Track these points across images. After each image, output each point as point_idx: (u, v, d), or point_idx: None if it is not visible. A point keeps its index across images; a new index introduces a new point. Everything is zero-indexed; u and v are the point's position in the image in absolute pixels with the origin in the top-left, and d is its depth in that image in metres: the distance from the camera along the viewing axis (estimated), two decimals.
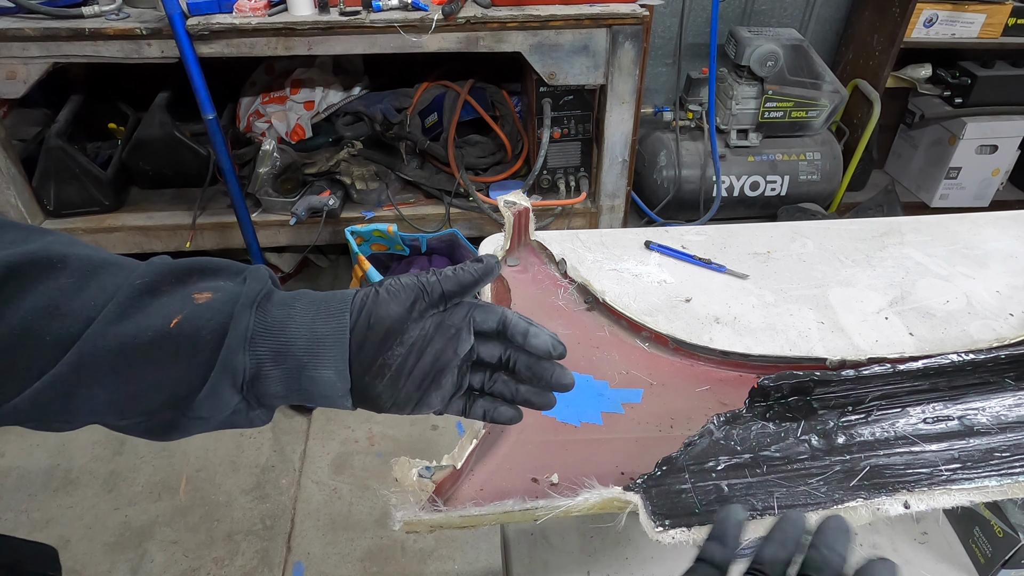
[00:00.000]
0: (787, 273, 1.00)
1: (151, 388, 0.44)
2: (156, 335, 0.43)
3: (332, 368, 0.46)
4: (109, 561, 1.64)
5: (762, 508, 0.58)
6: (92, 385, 0.42)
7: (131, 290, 0.43)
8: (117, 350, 0.42)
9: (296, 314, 0.46)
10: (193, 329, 0.43)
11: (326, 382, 0.46)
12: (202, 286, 0.45)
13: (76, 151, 2.03)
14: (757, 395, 0.65)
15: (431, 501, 0.60)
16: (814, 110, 2.52)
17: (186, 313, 0.43)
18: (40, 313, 0.41)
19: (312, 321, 0.46)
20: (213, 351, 0.44)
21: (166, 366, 0.43)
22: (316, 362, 0.46)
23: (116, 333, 0.42)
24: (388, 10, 1.79)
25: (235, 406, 0.46)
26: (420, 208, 2.25)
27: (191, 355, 0.43)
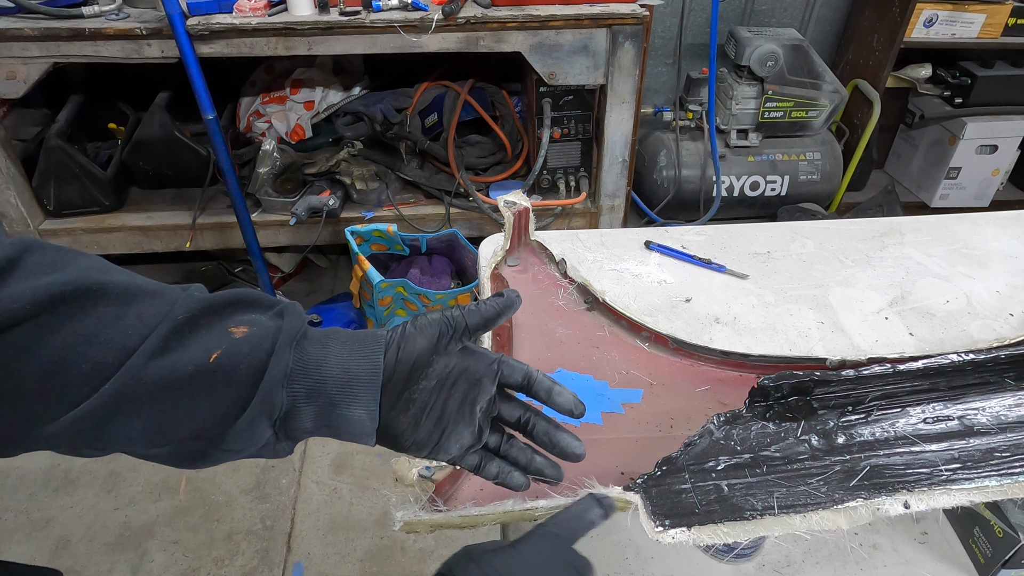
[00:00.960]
0: (787, 273, 1.00)
1: (187, 420, 0.44)
2: (196, 369, 0.43)
3: (364, 408, 0.47)
4: (109, 561, 1.64)
5: (762, 508, 0.58)
6: (130, 416, 0.43)
7: (172, 324, 0.44)
8: (157, 383, 0.42)
9: (331, 353, 0.47)
10: (232, 364, 0.44)
11: (356, 420, 0.47)
12: (238, 319, 0.46)
13: (76, 151, 2.03)
14: (757, 395, 0.65)
15: (431, 501, 0.60)
16: (814, 110, 2.52)
17: (224, 348, 0.44)
18: (79, 341, 0.41)
19: (347, 360, 0.47)
20: (251, 386, 0.44)
21: (204, 399, 0.44)
22: (349, 401, 0.46)
23: (157, 366, 0.42)
24: (388, 10, 1.79)
25: (266, 440, 0.47)
26: (420, 208, 2.25)
27: (229, 389, 0.44)
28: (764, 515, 0.58)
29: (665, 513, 0.58)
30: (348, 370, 0.46)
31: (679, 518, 0.58)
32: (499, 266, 0.93)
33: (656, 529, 0.57)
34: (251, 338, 0.45)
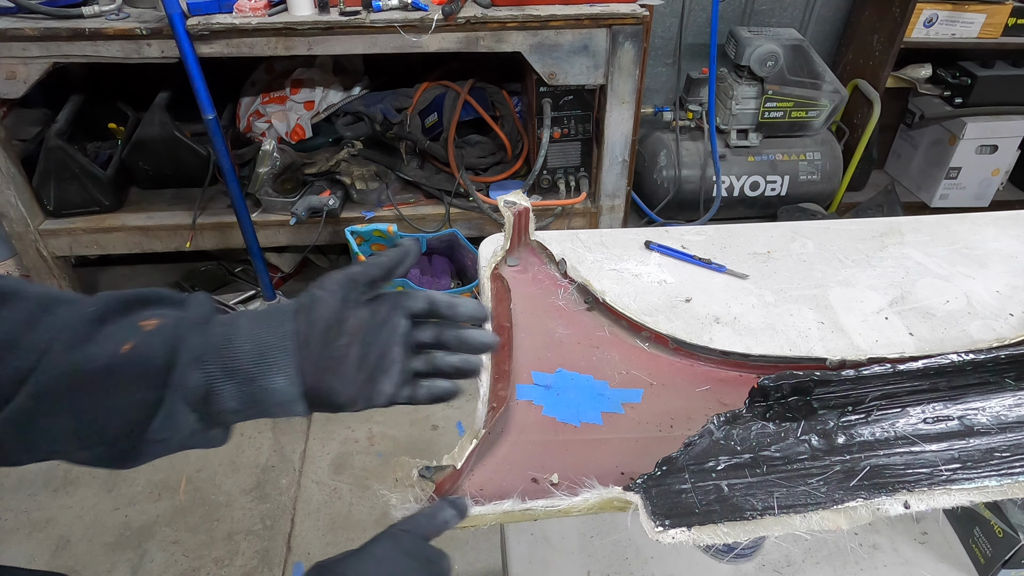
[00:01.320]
0: (787, 273, 1.00)
1: (109, 414, 0.45)
2: (109, 361, 0.44)
3: (282, 374, 0.47)
4: (109, 561, 1.64)
5: (762, 508, 0.58)
6: (51, 415, 0.43)
7: (82, 321, 0.44)
8: (72, 378, 0.43)
9: (240, 329, 0.48)
10: (144, 355, 0.44)
11: (278, 390, 0.47)
12: (146, 314, 0.46)
13: (76, 151, 2.03)
14: (757, 395, 0.65)
15: (431, 501, 0.60)
16: (814, 110, 2.52)
17: (136, 340, 0.44)
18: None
19: (257, 333, 0.47)
20: (166, 374, 0.45)
21: (121, 391, 0.44)
22: (266, 371, 0.47)
23: (71, 361, 0.43)
24: (388, 10, 1.79)
25: (192, 426, 0.47)
26: (420, 208, 2.25)
27: (144, 379, 0.44)
28: (764, 515, 0.58)
29: (665, 513, 0.58)
30: (260, 342, 0.47)
31: (679, 518, 0.58)
32: (499, 266, 0.93)
33: (656, 529, 0.57)
34: (162, 329, 0.45)
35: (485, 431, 0.67)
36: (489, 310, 0.61)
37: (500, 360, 0.78)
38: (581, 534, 0.87)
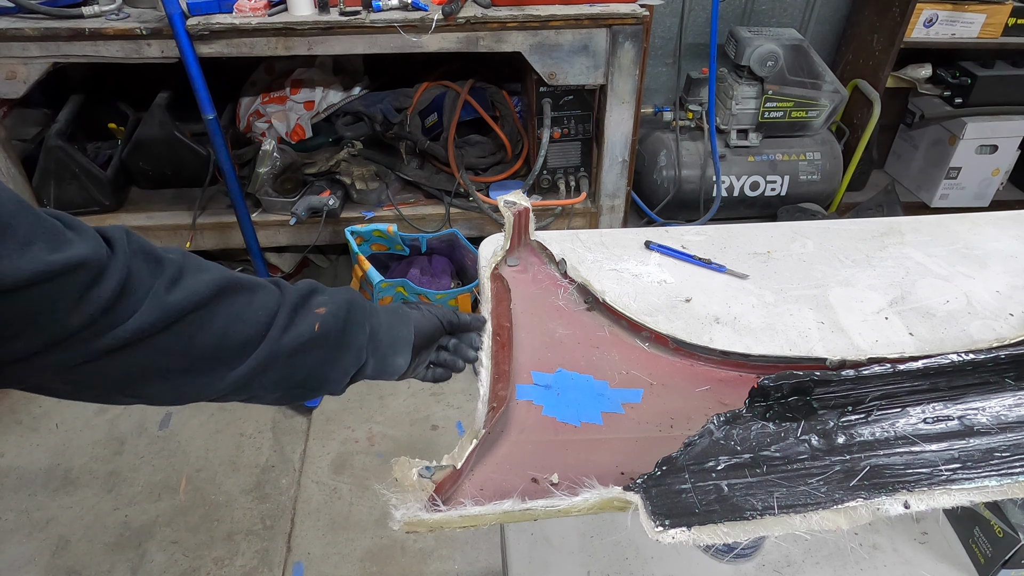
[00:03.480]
0: (787, 273, 1.00)
1: (301, 371, 0.64)
2: (309, 337, 0.63)
3: (402, 356, 0.71)
4: (109, 561, 1.64)
5: (762, 508, 0.58)
6: (270, 372, 0.61)
7: (288, 308, 0.62)
8: (288, 349, 0.61)
9: (382, 324, 0.71)
10: (326, 332, 0.65)
11: (397, 366, 0.71)
12: (316, 302, 0.65)
13: (76, 151, 2.03)
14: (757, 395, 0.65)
15: (431, 501, 0.60)
16: (814, 110, 2.52)
17: (320, 321, 0.64)
18: (231, 320, 0.58)
19: (392, 329, 0.71)
20: (341, 346, 0.66)
21: (314, 356, 0.64)
22: (394, 354, 0.71)
23: (288, 337, 0.62)
24: (388, 10, 1.79)
25: (344, 383, 0.68)
26: (420, 208, 2.25)
27: (328, 349, 0.65)
28: (764, 515, 0.58)
29: (665, 513, 0.58)
30: (394, 335, 0.71)
31: (679, 518, 0.58)
32: (499, 266, 0.93)
33: (656, 529, 0.57)
34: (331, 315, 0.65)
35: (485, 431, 0.67)
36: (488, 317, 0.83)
37: (500, 360, 0.78)
38: (581, 534, 0.87)
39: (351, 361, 0.67)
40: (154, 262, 0.54)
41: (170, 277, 0.54)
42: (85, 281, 0.48)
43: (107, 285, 0.49)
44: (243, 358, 0.59)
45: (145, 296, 0.52)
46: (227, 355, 0.58)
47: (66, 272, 0.46)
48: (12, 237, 0.44)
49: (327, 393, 0.68)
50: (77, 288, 0.48)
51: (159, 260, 0.55)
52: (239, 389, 0.60)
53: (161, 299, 0.53)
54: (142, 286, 0.52)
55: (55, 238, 0.47)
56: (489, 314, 0.84)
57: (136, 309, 0.51)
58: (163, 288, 0.53)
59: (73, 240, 0.48)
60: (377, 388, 2.08)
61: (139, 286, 0.52)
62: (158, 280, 0.53)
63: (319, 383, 0.66)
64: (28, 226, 0.45)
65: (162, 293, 0.53)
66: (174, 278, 0.55)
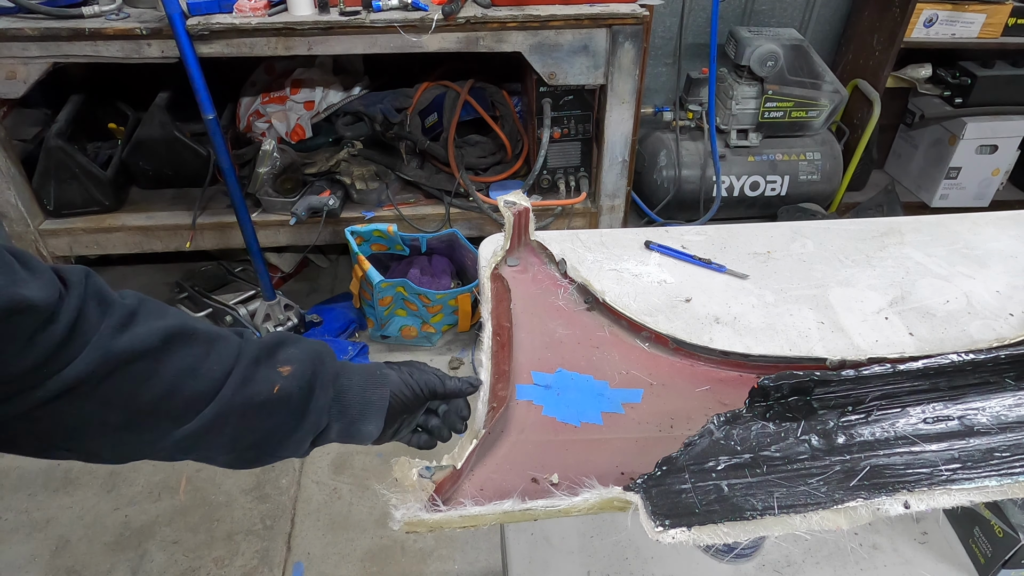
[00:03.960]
0: (787, 273, 1.00)
1: (252, 434, 0.59)
2: (266, 398, 0.58)
3: (373, 424, 0.66)
4: (109, 561, 1.64)
5: (762, 508, 0.58)
6: (219, 433, 0.57)
7: (246, 364, 0.58)
8: (240, 408, 0.57)
9: (353, 384, 0.66)
10: (287, 394, 0.60)
11: (367, 432, 0.67)
12: (280, 358, 0.61)
13: (76, 151, 2.03)
14: (757, 395, 0.65)
15: (431, 501, 0.60)
16: (814, 110, 2.52)
17: (281, 383, 0.60)
18: (182, 373, 0.54)
19: (364, 394, 0.66)
20: (301, 411, 0.61)
21: (268, 419, 0.59)
22: (364, 420, 0.66)
23: (241, 396, 0.57)
24: (388, 10, 1.79)
25: (304, 448, 0.64)
26: (420, 208, 2.25)
27: (286, 411, 0.60)
28: (764, 515, 0.58)
29: (665, 513, 0.58)
30: (365, 401, 0.66)
31: (679, 518, 0.58)
32: (499, 266, 0.93)
33: (656, 529, 0.57)
34: (295, 376, 0.61)
35: (485, 431, 0.67)
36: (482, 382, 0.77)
37: (500, 360, 0.78)
38: (581, 534, 0.87)
39: (309, 427, 0.62)
40: (106, 305, 0.51)
41: (118, 321, 0.51)
42: (34, 324, 0.46)
43: (56, 328, 0.47)
44: (191, 415, 0.54)
45: (89, 340, 0.49)
46: (174, 410, 0.54)
47: (14, 313, 0.44)
48: None
49: (287, 456, 0.64)
50: (25, 330, 0.45)
51: (110, 304, 0.52)
52: (186, 449, 0.56)
53: (105, 344, 0.49)
54: (89, 330, 0.49)
55: (9, 276, 0.45)
56: (489, 314, 0.84)
57: (78, 354, 0.48)
58: (108, 334, 0.50)
59: (26, 280, 0.46)
60: None
61: (87, 331, 0.49)
62: (104, 323, 0.50)
63: (275, 448, 0.62)
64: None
65: (107, 338, 0.50)
66: (123, 323, 0.51)
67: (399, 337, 2.20)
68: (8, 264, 0.46)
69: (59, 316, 0.47)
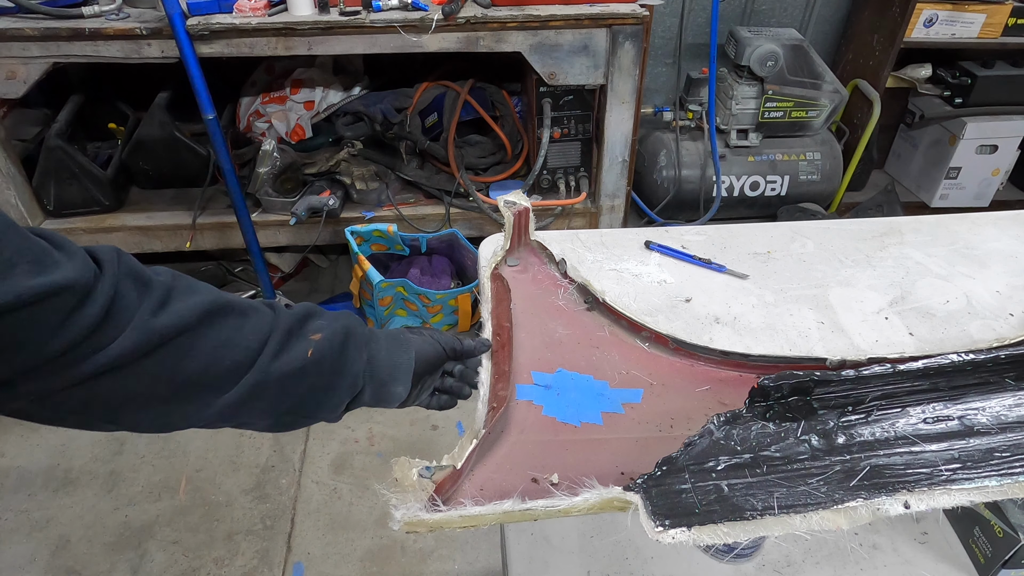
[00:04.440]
0: (787, 273, 1.00)
1: (294, 399, 0.62)
2: (302, 364, 0.61)
3: (401, 385, 0.69)
4: (109, 561, 1.64)
5: (762, 508, 0.58)
6: (259, 399, 0.59)
7: (281, 333, 0.60)
8: (278, 376, 0.59)
9: (381, 349, 0.69)
10: (320, 359, 0.62)
11: (396, 394, 0.70)
12: (311, 327, 0.63)
13: (76, 151, 2.03)
14: (757, 395, 0.65)
15: (431, 501, 0.60)
16: (814, 110, 2.52)
17: (315, 347, 0.62)
18: (220, 345, 0.56)
19: (391, 356, 0.69)
20: (335, 374, 0.64)
21: (305, 384, 0.62)
22: (393, 381, 0.69)
23: (278, 364, 0.59)
24: (388, 10, 1.79)
25: (339, 411, 0.66)
26: (420, 208, 2.25)
27: (321, 376, 0.63)
28: (764, 515, 0.58)
29: (665, 513, 0.58)
30: (394, 363, 0.69)
31: (679, 518, 0.58)
32: (499, 266, 0.93)
33: (656, 529, 0.57)
34: (324, 342, 0.63)
35: (485, 431, 0.67)
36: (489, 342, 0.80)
37: (500, 360, 0.78)
38: (581, 534, 0.87)
39: (346, 389, 0.65)
40: (142, 284, 0.53)
41: (157, 300, 0.53)
42: (69, 304, 0.47)
43: (92, 309, 0.48)
44: (231, 385, 0.57)
45: (130, 320, 0.50)
46: (215, 381, 0.56)
47: (50, 295, 0.45)
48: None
49: (322, 420, 0.66)
50: (61, 312, 0.46)
51: (147, 283, 0.53)
52: (228, 417, 0.59)
53: (146, 323, 0.51)
54: (127, 309, 0.50)
55: (41, 260, 0.46)
56: (489, 314, 0.84)
57: (120, 333, 0.49)
58: (148, 311, 0.52)
59: (60, 262, 0.47)
60: None
61: (124, 309, 0.50)
62: (144, 303, 0.52)
63: (313, 411, 0.64)
64: (13, 248, 0.44)
65: (147, 317, 0.51)
66: (161, 301, 0.53)
67: None
68: (40, 247, 0.46)
69: (95, 296, 0.48)
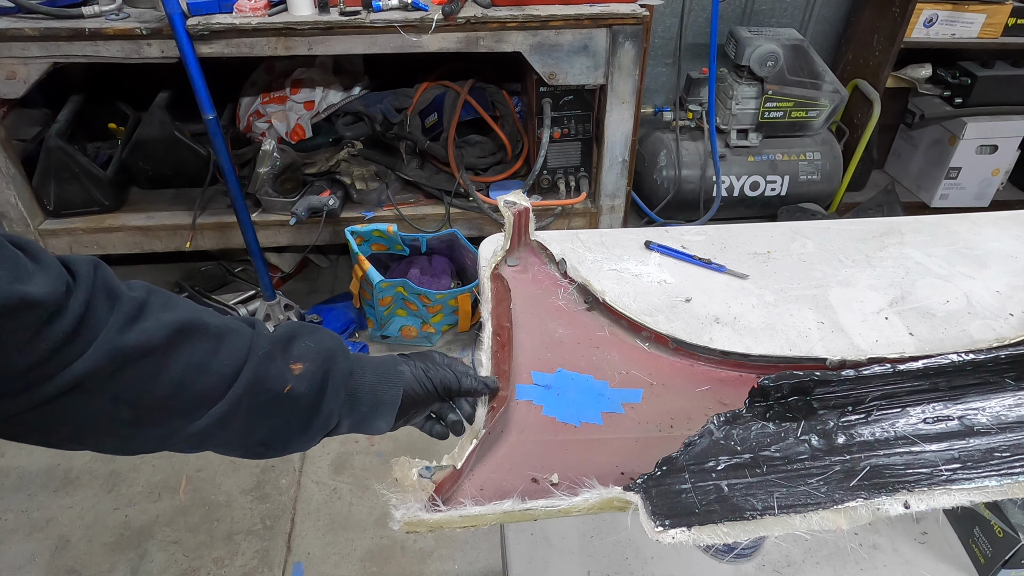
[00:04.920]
0: (787, 273, 1.00)
1: (265, 431, 0.59)
2: (275, 396, 0.58)
3: (384, 421, 0.66)
4: (109, 561, 1.64)
5: (762, 508, 0.58)
6: (228, 430, 0.56)
7: (258, 359, 0.57)
8: (250, 407, 0.56)
9: (365, 383, 0.65)
10: (299, 394, 0.59)
11: (377, 428, 0.66)
12: (295, 353, 0.60)
13: (76, 151, 2.03)
14: (757, 395, 0.65)
15: (431, 501, 0.60)
16: (814, 110, 2.52)
17: (293, 383, 0.59)
18: (192, 368, 0.53)
19: (376, 390, 0.65)
20: (312, 410, 0.61)
21: (279, 418, 0.59)
22: (375, 417, 0.66)
23: (250, 394, 0.56)
24: (388, 10, 1.79)
25: (315, 443, 0.63)
26: (420, 208, 2.25)
27: (297, 412, 0.60)
28: (764, 515, 0.58)
29: (665, 513, 0.58)
30: (377, 399, 0.65)
31: (679, 518, 0.58)
32: (499, 266, 0.93)
33: (656, 529, 0.57)
34: (307, 374, 0.60)
35: (485, 431, 0.67)
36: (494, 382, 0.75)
37: (500, 360, 0.78)
38: (581, 534, 0.87)
39: (319, 427, 0.62)
40: (114, 299, 0.51)
41: (126, 316, 0.50)
42: (39, 319, 0.45)
43: (61, 325, 0.46)
44: (201, 412, 0.54)
45: (97, 336, 0.48)
46: (183, 407, 0.53)
47: (19, 308, 0.43)
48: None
49: (296, 451, 0.64)
50: (30, 327, 0.45)
51: (118, 297, 0.51)
52: (196, 444, 0.56)
53: (112, 340, 0.49)
54: (97, 325, 0.48)
55: (13, 271, 0.44)
56: (489, 314, 0.84)
57: (85, 350, 0.47)
58: (116, 328, 0.49)
59: (33, 274, 0.45)
60: None
61: (94, 325, 0.48)
62: (112, 319, 0.49)
63: (284, 443, 0.61)
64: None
65: (114, 334, 0.49)
66: (131, 317, 0.50)
67: (399, 337, 2.20)
68: (13, 257, 0.45)
69: (66, 311, 0.47)
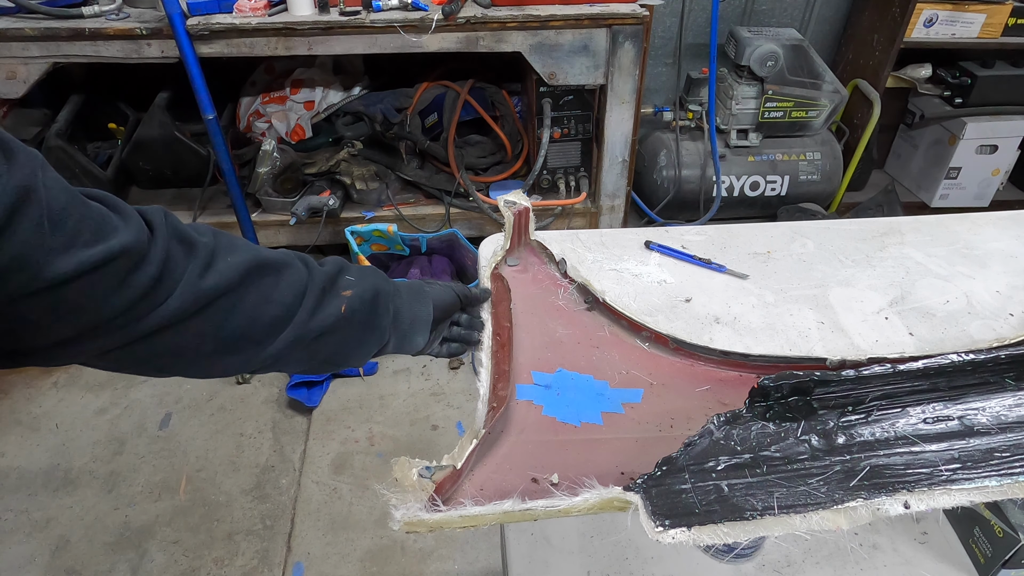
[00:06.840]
0: (787, 273, 1.00)
1: (329, 349, 0.67)
2: (336, 320, 0.66)
3: (421, 335, 0.75)
4: (109, 561, 1.64)
5: (762, 508, 0.58)
6: (297, 351, 0.64)
7: (317, 290, 0.65)
8: (315, 330, 0.64)
9: (403, 303, 0.74)
10: (352, 315, 0.67)
11: (416, 343, 0.75)
12: (342, 283, 0.68)
13: (76, 151, 2.03)
14: (757, 395, 0.65)
15: (431, 501, 0.60)
16: (814, 110, 2.52)
17: (346, 304, 0.67)
18: (260, 302, 0.60)
19: (413, 309, 0.74)
20: (367, 328, 0.69)
21: (341, 337, 0.67)
22: (415, 332, 0.75)
23: (315, 319, 0.64)
24: (388, 10, 1.79)
25: (368, 360, 0.72)
26: (420, 208, 2.25)
27: (354, 330, 0.68)
28: (764, 515, 0.58)
29: (665, 513, 0.58)
30: (415, 316, 0.75)
31: (679, 518, 0.58)
32: (499, 266, 0.93)
33: (656, 529, 0.57)
34: (355, 299, 0.68)
35: (485, 431, 0.67)
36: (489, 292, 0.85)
37: (500, 360, 0.78)
38: (581, 534, 0.87)
39: (374, 341, 0.70)
40: (188, 245, 0.56)
41: (203, 261, 0.56)
42: (127, 267, 0.50)
43: (147, 270, 0.51)
44: (272, 338, 0.61)
45: (179, 281, 0.54)
46: (256, 335, 0.60)
47: (110, 260, 0.48)
48: (61, 231, 0.45)
49: (354, 366, 0.73)
50: (119, 275, 0.49)
51: (192, 244, 0.57)
52: (268, 366, 0.64)
53: (194, 284, 0.54)
54: (177, 271, 0.54)
55: (101, 227, 0.48)
56: (489, 314, 0.84)
57: (171, 294, 0.53)
58: (196, 273, 0.55)
59: (118, 227, 0.49)
60: (377, 388, 2.08)
61: (175, 271, 0.53)
62: (191, 265, 0.55)
63: (343, 359, 0.70)
64: (77, 217, 0.46)
65: (195, 278, 0.55)
66: (207, 262, 0.56)
67: None
68: (100, 214, 0.48)
69: (150, 257, 0.51)
